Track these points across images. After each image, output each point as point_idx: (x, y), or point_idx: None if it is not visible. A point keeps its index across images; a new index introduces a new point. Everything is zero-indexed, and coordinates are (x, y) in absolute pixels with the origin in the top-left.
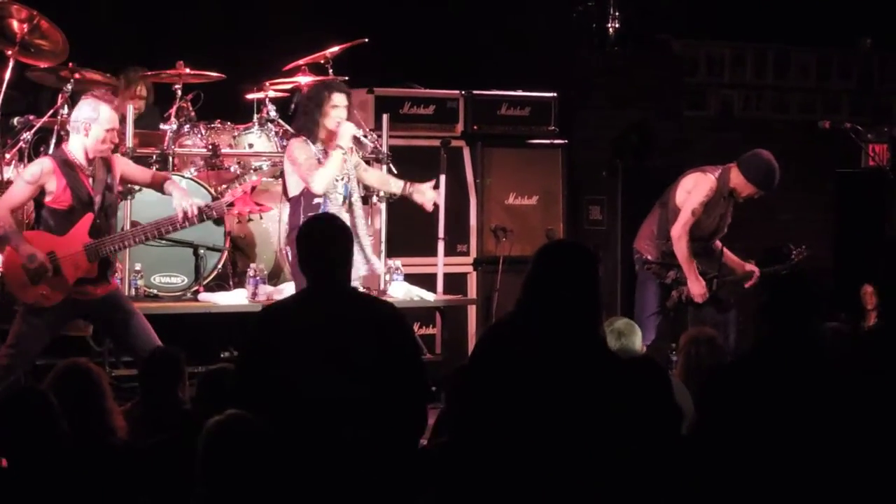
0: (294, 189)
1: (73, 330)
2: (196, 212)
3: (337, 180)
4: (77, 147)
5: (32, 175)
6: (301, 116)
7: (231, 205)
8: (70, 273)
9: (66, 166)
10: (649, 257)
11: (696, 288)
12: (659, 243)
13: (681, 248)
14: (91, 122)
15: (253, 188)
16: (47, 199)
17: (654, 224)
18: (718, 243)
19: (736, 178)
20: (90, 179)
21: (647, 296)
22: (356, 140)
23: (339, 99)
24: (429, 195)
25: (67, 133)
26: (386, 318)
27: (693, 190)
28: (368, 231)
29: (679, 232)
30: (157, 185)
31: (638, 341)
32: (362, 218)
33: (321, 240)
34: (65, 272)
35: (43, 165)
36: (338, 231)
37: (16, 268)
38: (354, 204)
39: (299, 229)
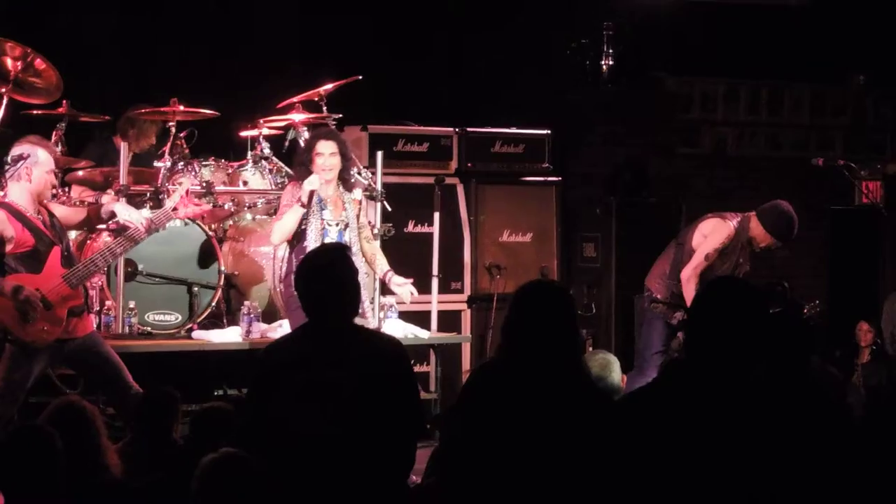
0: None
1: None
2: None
3: (330, 224)
4: (20, 195)
5: None
6: (296, 163)
7: (174, 209)
8: (60, 304)
9: (16, 213)
10: (658, 296)
11: None
12: (670, 283)
13: (689, 290)
14: (32, 167)
15: (187, 191)
16: (9, 247)
17: (668, 263)
18: None
19: (756, 228)
20: (40, 222)
21: (653, 334)
22: (309, 196)
23: (322, 146)
24: (405, 292)
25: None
26: (385, 352)
27: (710, 235)
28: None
29: (689, 274)
30: (95, 216)
31: (617, 376)
32: (360, 269)
33: (313, 275)
34: (56, 305)
35: None
36: (332, 263)
37: (9, 309)
38: (355, 255)
39: (298, 264)
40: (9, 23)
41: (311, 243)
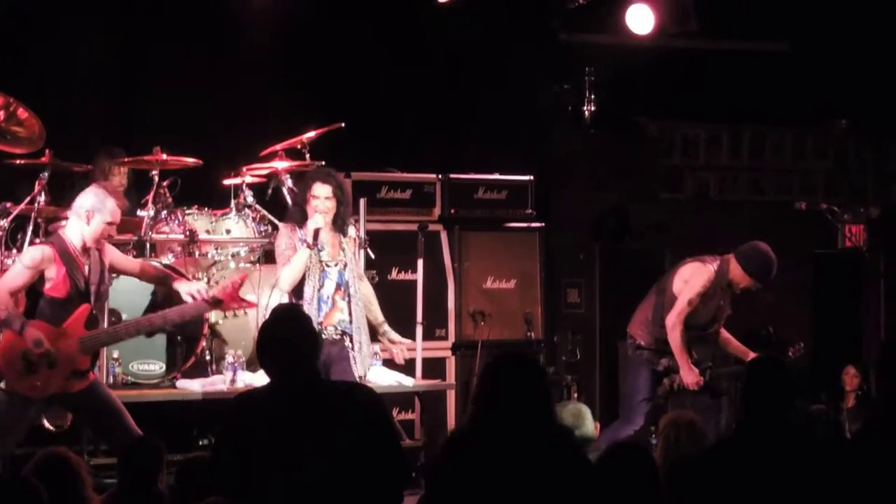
0: None
1: (51, 420)
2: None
3: (329, 266)
4: (75, 233)
5: (32, 260)
6: (291, 204)
7: (220, 301)
8: (65, 365)
9: (65, 253)
10: (642, 343)
11: (689, 377)
12: (653, 329)
13: (674, 337)
14: (95, 212)
15: (239, 286)
16: (47, 286)
17: (650, 310)
18: (723, 331)
19: (734, 270)
20: (86, 267)
21: (639, 381)
22: (315, 234)
23: (318, 189)
24: (398, 351)
25: (48, 221)
26: (360, 403)
27: (690, 279)
28: (369, 320)
29: (674, 321)
30: (150, 277)
31: (590, 425)
32: (360, 309)
33: (274, 345)
34: (60, 364)
35: (44, 251)
36: (292, 331)
37: (15, 354)
38: (353, 296)
39: (259, 329)
40: None
41: (310, 286)
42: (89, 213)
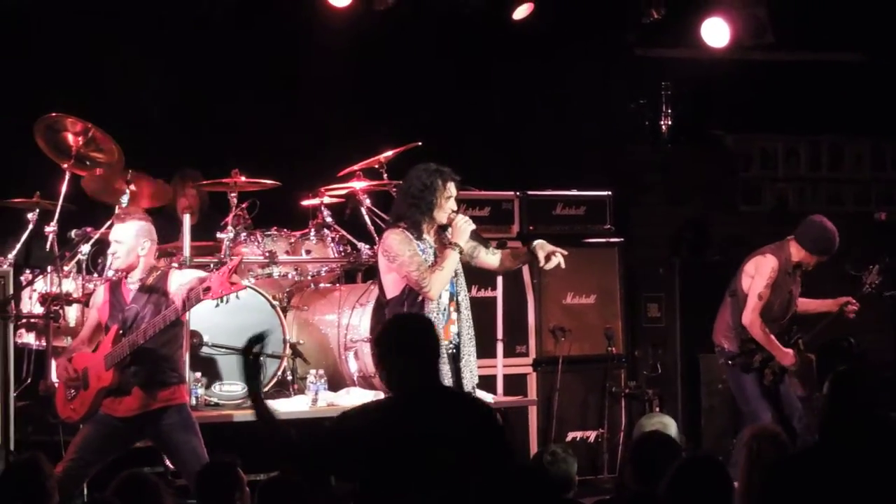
0: (393, 288)
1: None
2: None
3: None
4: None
5: (92, 299)
6: (405, 205)
7: (207, 289)
8: (94, 384)
9: (115, 284)
10: (730, 348)
11: (786, 359)
12: (736, 333)
13: (756, 332)
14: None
15: (232, 270)
16: (99, 315)
17: (728, 315)
18: (800, 302)
19: (797, 252)
20: (131, 293)
21: (744, 385)
22: (475, 235)
23: (453, 189)
24: (542, 252)
25: None
26: (479, 419)
27: (756, 274)
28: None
29: (750, 318)
30: None
31: (674, 432)
32: (469, 319)
33: (408, 336)
34: (91, 384)
35: (99, 287)
36: (425, 327)
37: (61, 389)
38: (461, 303)
39: (380, 329)
40: (70, 98)
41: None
42: None
